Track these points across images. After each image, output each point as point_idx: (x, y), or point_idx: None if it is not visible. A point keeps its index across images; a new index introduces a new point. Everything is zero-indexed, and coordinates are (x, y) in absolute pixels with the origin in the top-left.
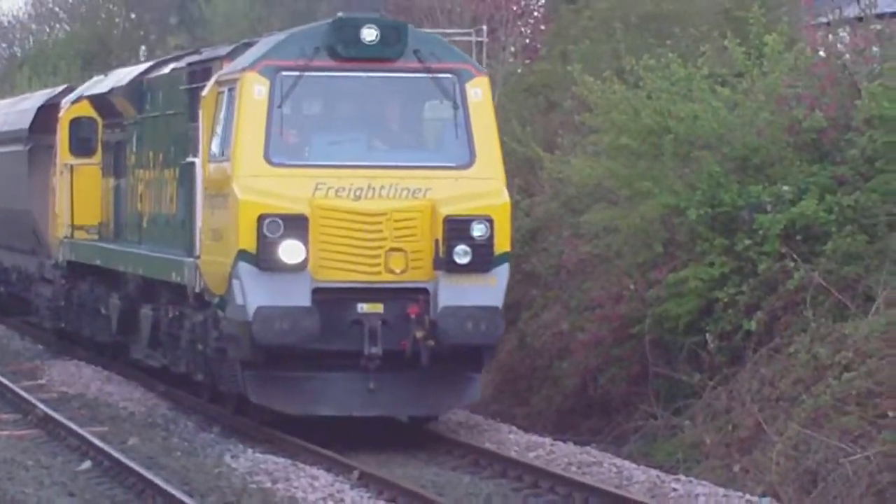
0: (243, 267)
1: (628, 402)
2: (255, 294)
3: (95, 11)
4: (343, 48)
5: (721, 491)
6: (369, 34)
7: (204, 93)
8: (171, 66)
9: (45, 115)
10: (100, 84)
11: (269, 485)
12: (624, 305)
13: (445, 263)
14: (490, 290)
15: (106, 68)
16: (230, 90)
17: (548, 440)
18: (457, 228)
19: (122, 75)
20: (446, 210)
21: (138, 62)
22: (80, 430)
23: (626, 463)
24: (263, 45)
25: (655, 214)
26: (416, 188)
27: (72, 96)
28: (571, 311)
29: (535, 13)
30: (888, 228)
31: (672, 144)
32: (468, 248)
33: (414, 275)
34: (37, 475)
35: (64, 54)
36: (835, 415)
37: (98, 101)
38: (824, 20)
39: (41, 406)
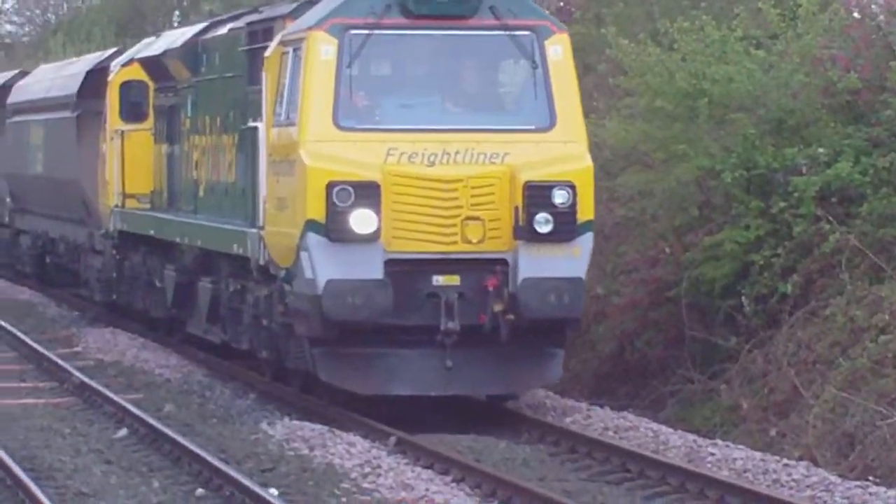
0: (312, 238)
1: (665, 366)
2: (325, 266)
3: None
4: (415, 5)
5: (758, 455)
6: None
7: (267, 53)
8: (229, 26)
9: (94, 80)
10: (151, 46)
11: (305, 451)
12: (660, 269)
13: (526, 232)
14: (573, 260)
15: (140, 34)
16: (295, 50)
17: (584, 405)
18: (537, 195)
19: (176, 36)
20: (526, 176)
21: (171, 28)
22: (116, 398)
23: (663, 427)
24: (330, 1)
25: (691, 177)
26: (493, 153)
27: (122, 59)
28: (607, 275)
29: None
30: None
31: (707, 107)
32: (550, 216)
33: (492, 245)
34: (73, 443)
35: (98, 20)
36: (872, 377)
37: (150, 63)
38: None
39: (77, 374)
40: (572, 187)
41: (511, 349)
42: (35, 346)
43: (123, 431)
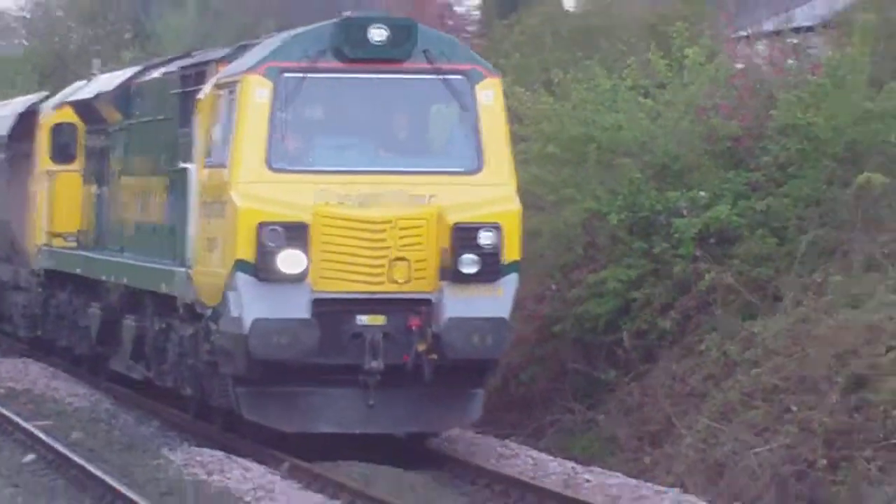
0: (240, 277)
1: (547, 398)
2: (252, 306)
3: (52, 28)
4: (350, 49)
5: (633, 482)
6: (378, 34)
7: (200, 95)
8: (162, 70)
9: (25, 122)
10: (83, 90)
11: (203, 476)
12: (546, 305)
13: (451, 273)
14: (497, 300)
15: (62, 81)
16: (230, 93)
17: (470, 433)
18: (464, 236)
19: (108, 80)
20: (454, 217)
21: (91, 75)
22: (26, 424)
23: (543, 455)
24: (265, 46)
25: (578, 219)
26: (421, 194)
27: (53, 102)
28: None
29: (469, 28)
30: (797, 232)
31: (595, 153)
32: (476, 257)
33: (417, 285)
34: None
35: (21, 69)
36: (742, 409)
37: (81, 106)
38: (744, 34)
39: None
40: (498, 229)
41: (433, 389)
42: None
43: (31, 456)
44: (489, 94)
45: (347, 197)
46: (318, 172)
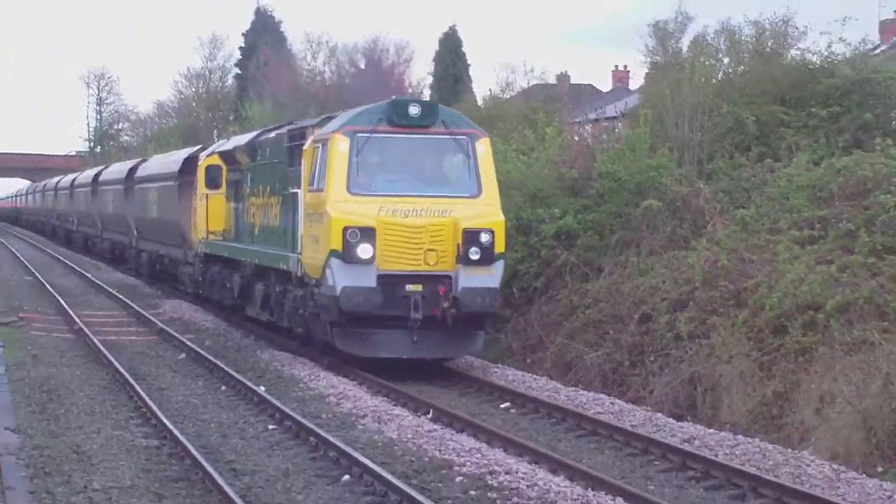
0: (334, 261)
1: None
2: (341, 278)
3: (190, 113)
4: (397, 118)
5: (520, 373)
6: (414, 109)
7: (305, 147)
8: (275, 132)
9: (188, 164)
10: (224, 145)
11: (279, 367)
12: None
13: (463, 259)
14: (491, 276)
15: (194, 143)
16: (323, 145)
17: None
18: (471, 237)
19: (240, 139)
20: (464, 224)
21: (213, 142)
22: (180, 336)
23: (471, 358)
24: (344, 117)
25: None
26: (443, 210)
27: (206, 152)
28: None
29: None
30: (610, 233)
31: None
32: (478, 249)
33: (442, 266)
34: (155, 360)
35: (171, 136)
36: (581, 332)
37: (224, 154)
38: (578, 120)
39: (159, 323)
40: (492, 232)
41: (452, 331)
42: (138, 308)
43: (183, 355)
44: (483, 148)
45: (397, 211)
46: (378, 195)
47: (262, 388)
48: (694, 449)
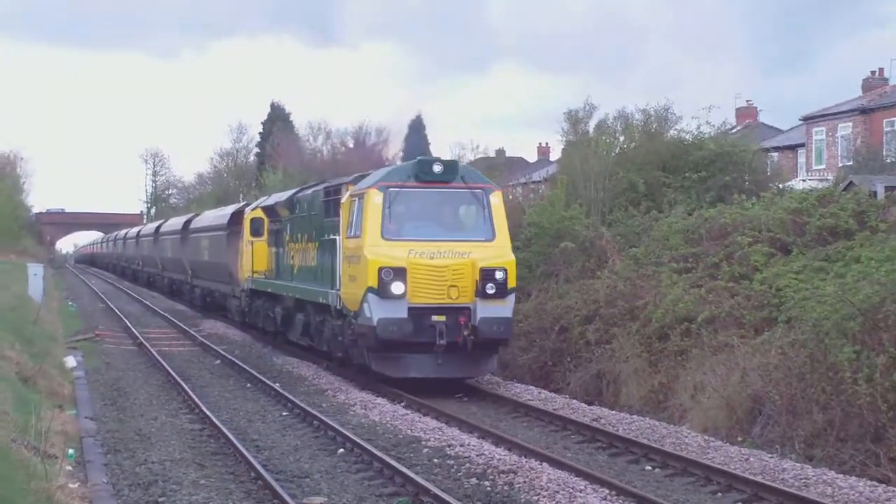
0: (370, 296)
1: None
2: (377, 311)
3: (222, 180)
4: (423, 175)
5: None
6: (437, 167)
7: (342, 200)
8: (312, 189)
9: (234, 217)
10: (266, 200)
11: (291, 369)
12: None
13: (481, 293)
14: (505, 307)
15: (225, 204)
16: (359, 199)
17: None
18: (487, 274)
19: (280, 196)
20: (481, 264)
21: (239, 203)
22: (216, 347)
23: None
24: (377, 174)
25: None
26: (463, 252)
27: (250, 207)
28: None
29: None
30: (536, 267)
31: None
32: (493, 285)
33: (462, 299)
34: (197, 365)
35: (209, 199)
36: (515, 340)
37: (266, 208)
38: (511, 184)
39: (199, 337)
40: (505, 270)
41: (471, 354)
42: (183, 326)
43: (218, 361)
44: (496, 199)
45: (424, 253)
46: (408, 240)
47: (278, 384)
48: (600, 426)
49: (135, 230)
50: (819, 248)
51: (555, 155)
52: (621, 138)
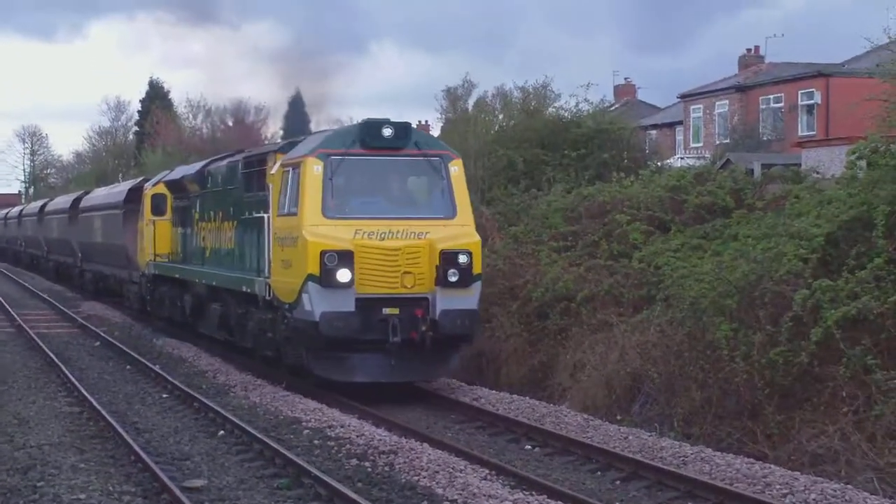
0: (311, 285)
1: None
2: (320, 303)
3: (101, 159)
4: (370, 140)
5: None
6: (387, 130)
7: (271, 171)
8: (227, 160)
9: (132, 194)
10: (169, 175)
11: (172, 351)
12: None
13: (442, 281)
14: (469, 298)
15: (107, 184)
16: (293, 169)
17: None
18: (448, 258)
19: (188, 169)
20: (441, 246)
21: (118, 182)
22: (96, 329)
23: None
24: (314, 140)
25: None
26: (419, 231)
27: (151, 182)
28: None
29: None
30: None
31: None
32: (456, 271)
33: (418, 289)
34: (77, 347)
35: (88, 178)
36: None
37: (169, 184)
38: None
39: (79, 319)
40: (469, 253)
41: (428, 353)
42: (63, 308)
43: (98, 343)
44: (456, 169)
45: (373, 234)
46: (353, 218)
47: (158, 366)
48: (481, 405)
49: (17, 209)
50: (697, 226)
51: (434, 133)
52: (500, 116)
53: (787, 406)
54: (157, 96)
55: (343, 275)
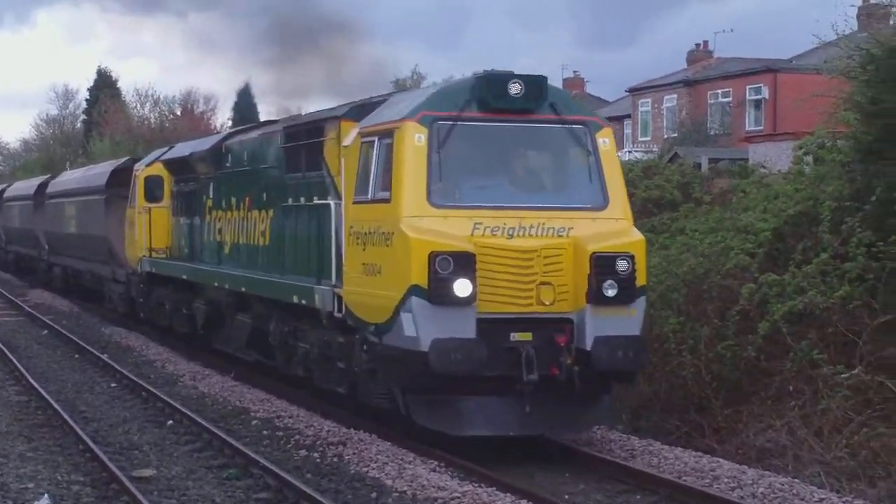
0: (415, 301)
1: None
2: (429, 327)
3: (48, 148)
4: (493, 100)
5: None
6: (515, 88)
7: (346, 143)
8: (258, 131)
9: (116, 176)
10: (169, 153)
11: (120, 340)
12: None
13: (595, 296)
14: (631, 320)
15: (54, 171)
16: (380, 139)
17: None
18: (604, 264)
19: (199, 144)
20: (592, 247)
21: (67, 169)
22: (43, 318)
23: None
24: (413, 97)
25: None
26: (561, 227)
27: (144, 162)
28: None
29: None
30: None
31: None
32: (615, 283)
33: (560, 306)
34: (24, 335)
35: (34, 166)
36: None
37: (169, 163)
38: None
39: (26, 307)
40: (631, 258)
41: (573, 396)
42: (9, 296)
43: (45, 331)
44: (607, 141)
45: (498, 229)
46: (470, 207)
47: (106, 355)
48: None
49: None
50: (644, 219)
51: None
52: None
53: (734, 400)
54: (105, 85)
55: (462, 287)
